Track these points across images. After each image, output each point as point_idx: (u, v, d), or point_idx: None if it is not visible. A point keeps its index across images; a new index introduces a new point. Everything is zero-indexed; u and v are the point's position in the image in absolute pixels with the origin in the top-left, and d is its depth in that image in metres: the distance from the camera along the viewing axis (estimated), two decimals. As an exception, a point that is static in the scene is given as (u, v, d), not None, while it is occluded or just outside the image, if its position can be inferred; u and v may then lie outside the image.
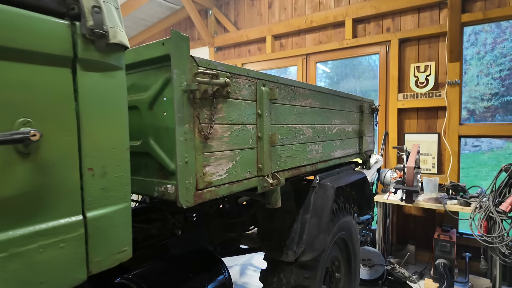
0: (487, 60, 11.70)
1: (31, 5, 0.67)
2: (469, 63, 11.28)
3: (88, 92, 0.76)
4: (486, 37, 10.46)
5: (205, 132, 1.12)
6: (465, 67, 5.00)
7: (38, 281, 0.66)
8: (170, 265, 1.45)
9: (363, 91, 7.53)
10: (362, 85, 7.91)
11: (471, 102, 12.36)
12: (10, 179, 0.63)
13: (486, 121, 4.68)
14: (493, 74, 11.98)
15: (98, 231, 0.78)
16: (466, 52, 12.15)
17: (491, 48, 11.73)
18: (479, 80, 11.37)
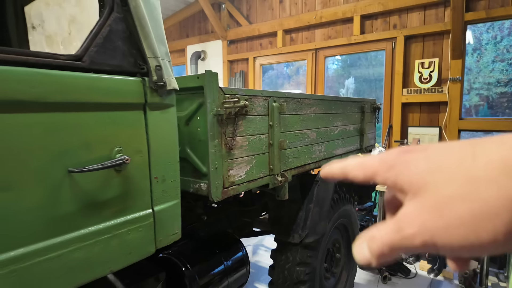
0: (503, 45, 11.51)
1: (117, 71, 1.00)
2: (485, 48, 11.15)
3: (153, 125, 1.09)
4: (504, 21, 10.27)
5: (230, 144, 1.45)
6: (480, 52, 5.13)
7: (128, 252, 1.03)
8: (199, 244, 1.82)
9: (376, 75, 7.65)
10: (376, 71, 7.97)
11: (485, 88, 12.27)
12: (111, 188, 0.98)
13: (500, 108, 4.87)
14: (509, 59, 11.80)
15: (160, 220, 1.13)
16: (482, 36, 11.90)
17: (508, 32, 11.51)
18: (494, 66, 11.25)
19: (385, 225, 0.27)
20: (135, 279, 1.37)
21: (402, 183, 0.27)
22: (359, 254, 0.28)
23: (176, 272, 1.56)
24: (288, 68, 8.17)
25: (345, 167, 0.33)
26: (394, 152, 0.29)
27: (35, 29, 1.98)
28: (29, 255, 0.80)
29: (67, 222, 0.88)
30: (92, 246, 0.93)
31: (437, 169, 0.25)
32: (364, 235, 0.29)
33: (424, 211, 0.25)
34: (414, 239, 0.25)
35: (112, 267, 0.99)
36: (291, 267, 2.17)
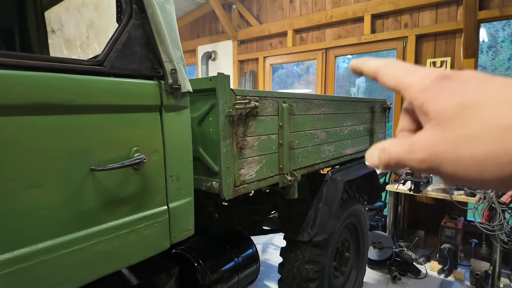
0: (520, 42, 11.19)
1: (136, 75, 1.06)
2: (501, 46, 10.81)
3: (169, 126, 1.15)
4: (519, 18, 10.00)
5: (241, 144, 1.50)
6: (495, 49, 5.02)
7: (145, 246, 1.09)
8: (211, 241, 1.88)
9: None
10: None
11: (500, 87, 11.87)
12: (129, 185, 1.04)
13: None
14: (526, 57, 11.46)
15: (175, 216, 1.19)
16: (498, 34, 11.59)
17: (525, 29, 11.18)
18: (510, 64, 10.94)
19: (399, 143, 0.29)
20: (149, 273, 1.43)
21: (429, 109, 0.27)
22: (370, 159, 0.31)
23: (189, 267, 1.62)
24: (298, 67, 8.17)
25: (380, 67, 0.33)
26: (433, 74, 0.28)
27: (54, 33, 2.07)
28: (55, 247, 0.86)
29: (89, 217, 0.95)
30: (112, 240, 0.99)
31: (470, 106, 0.25)
32: (377, 145, 0.31)
33: (441, 142, 0.25)
34: (421, 163, 0.26)
35: (130, 260, 1.05)
36: (300, 265, 2.20)
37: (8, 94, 0.78)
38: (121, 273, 1.46)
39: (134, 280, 1.43)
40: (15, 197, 0.80)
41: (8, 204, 0.79)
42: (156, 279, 1.43)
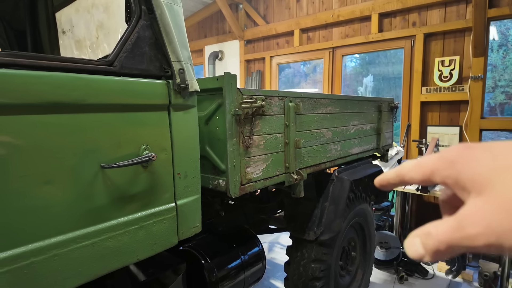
0: (533, 40, 10.97)
1: (145, 74, 1.08)
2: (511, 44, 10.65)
3: (177, 124, 1.17)
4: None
5: (247, 143, 1.52)
6: (506, 48, 4.93)
7: (153, 242, 1.11)
8: (218, 239, 1.90)
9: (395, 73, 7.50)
10: (395, 69, 7.78)
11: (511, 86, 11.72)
12: (138, 182, 1.07)
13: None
14: (538, 55, 11.23)
15: (183, 213, 1.21)
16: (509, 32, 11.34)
17: (538, 27, 10.96)
18: (522, 62, 10.75)
19: (443, 223, 0.26)
20: (157, 270, 1.46)
21: (465, 181, 0.26)
22: (411, 249, 0.27)
23: (196, 264, 1.64)
24: (305, 66, 8.14)
25: (400, 170, 0.32)
26: (455, 149, 0.28)
27: (65, 34, 2.11)
28: (67, 242, 0.89)
29: (100, 213, 0.97)
30: (121, 236, 1.02)
31: (505, 168, 0.24)
32: (417, 231, 0.28)
33: (490, 211, 0.24)
34: (477, 239, 0.24)
35: (139, 256, 1.07)
36: (306, 263, 2.21)
37: (23, 94, 0.81)
38: (129, 269, 1.49)
39: (143, 276, 1.46)
40: (29, 193, 0.83)
41: (22, 200, 0.82)
42: (164, 275, 1.46)
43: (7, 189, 0.79)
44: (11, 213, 0.79)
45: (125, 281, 1.40)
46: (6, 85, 0.78)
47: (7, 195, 0.79)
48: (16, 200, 0.80)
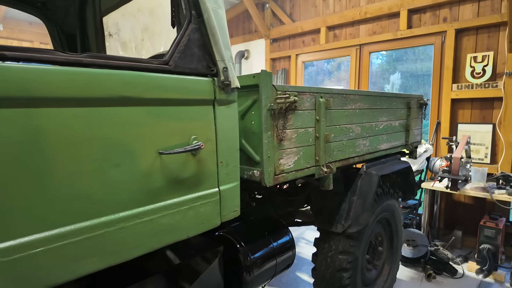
0: None
1: (194, 73, 1.21)
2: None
3: (220, 118, 1.29)
4: None
5: (280, 136, 1.62)
6: None
7: (200, 222, 1.25)
8: (251, 226, 2.02)
9: (424, 70, 7.26)
10: (424, 66, 7.55)
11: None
12: (188, 168, 1.20)
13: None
14: None
15: (224, 198, 1.34)
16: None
17: None
18: None
19: None
20: (199, 251, 1.60)
21: None
22: None
23: (231, 248, 1.77)
24: (329, 64, 8.09)
25: None
26: None
27: (111, 36, 2.30)
28: (132, 217, 1.04)
29: (157, 194, 1.11)
30: (174, 214, 1.16)
31: None
32: None
33: None
34: None
35: (188, 233, 1.21)
36: (334, 255, 2.28)
37: (97, 89, 0.96)
38: (172, 249, 1.63)
39: (184, 256, 1.60)
40: (102, 174, 0.98)
41: (97, 179, 0.96)
42: (204, 257, 1.59)
43: (86, 170, 0.94)
44: (89, 189, 0.94)
45: (168, 260, 1.54)
46: (86, 82, 0.93)
47: (86, 175, 0.94)
48: (92, 179, 0.95)
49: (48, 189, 0.87)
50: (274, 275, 1.94)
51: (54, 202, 0.88)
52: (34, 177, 0.84)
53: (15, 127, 0.81)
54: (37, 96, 0.84)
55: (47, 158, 0.86)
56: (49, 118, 0.86)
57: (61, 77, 0.88)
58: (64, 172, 0.89)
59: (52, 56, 0.86)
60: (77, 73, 0.91)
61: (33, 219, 0.84)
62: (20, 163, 0.82)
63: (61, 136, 0.89)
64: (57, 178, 0.88)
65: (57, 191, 0.88)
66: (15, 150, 0.81)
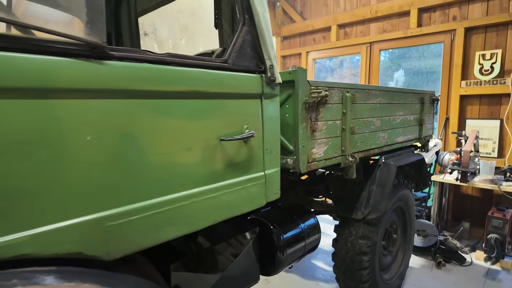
0: None
1: (246, 70, 1.38)
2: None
3: (266, 110, 1.46)
4: None
5: (313, 127, 1.79)
6: None
7: (250, 201, 1.42)
8: (280, 211, 2.19)
9: (428, 67, 7.37)
10: (427, 64, 7.66)
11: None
12: (241, 154, 1.37)
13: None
14: None
15: (268, 181, 1.51)
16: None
17: None
18: None
19: None
20: (238, 231, 1.77)
21: None
22: None
23: (265, 230, 1.94)
24: (331, 61, 8.20)
25: None
26: None
27: (147, 36, 2.47)
28: (200, 193, 1.21)
29: (218, 175, 1.28)
30: (231, 193, 1.33)
31: None
32: None
33: None
34: None
35: (242, 210, 1.38)
36: (354, 240, 2.46)
37: (176, 83, 1.12)
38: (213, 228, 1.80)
39: (225, 236, 1.77)
40: (178, 156, 1.15)
41: (175, 160, 1.14)
42: (245, 235, 1.77)
43: (167, 152, 1.11)
44: (171, 168, 1.12)
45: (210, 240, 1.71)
46: (168, 77, 1.10)
47: (168, 157, 1.11)
48: (172, 160, 1.12)
49: (143, 168, 1.04)
50: (303, 255, 2.12)
51: (146, 179, 1.05)
52: (137, 159, 1.02)
53: (120, 115, 0.98)
54: (136, 89, 1.01)
55: (144, 142, 1.04)
56: (143, 108, 1.03)
57: (152, 72, 1.04)
58: (153, 155, 1.07)
59: (145, 56, 1.03)
60: (162, 70, 1.08)
61: (132, 192, 1.01)
62: (126, 147, 0.99)
63: (152, 123, 1.06)
64: (149, 159, 1.06)
65: (149, 170, 1.06)
66: (122, 134, 0.98)
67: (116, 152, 0.98)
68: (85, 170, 0.91)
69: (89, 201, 0.92)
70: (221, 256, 1.67)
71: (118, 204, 0.98)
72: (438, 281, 3.20)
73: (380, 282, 2.59)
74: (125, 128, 0.99)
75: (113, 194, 0.97)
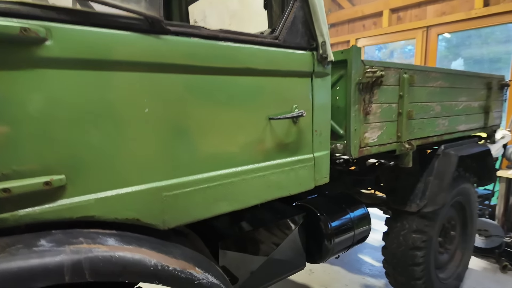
0: None
1: (298, 47, 1.33)
2: None
3: (316, 89, 1.40)
4: None
5: (367, 110, 1.69)
6: None
7: (299, 183, 1.39)
8: (327, 199, 2.13)
9: (491, 56, 6.58)
10: (491, 51, 6.89)
11: None
12: (290, 135, 1.34)
13: None
14: None
15: (317, 164, 1.46)
16: None
17: None
18: None
19: None
20: (285, 216, 1.75)
21: None
22: None
23: (312, 217, 1.89)
24: (381, 51, 7.73)
25: None
26: None
27: (196, 23, 2.51)
28: (249, 171, 1.20)
29: (267, 154, 1.27)
30: (280, 173, 1.31)
31: None
32: None
33: None
34: None
35: (290, 191, 1.35)
36: (407, 233, 2.30)
37: (221, 59, 1.11)
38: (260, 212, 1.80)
39: (271, 220, 1.76)
40: (230, 133, 1.15)
41: (227, 136, 1.14)
42: (293, 218, 1.74)
43: (218, 128, 1.11)
44: (221, 144, 1.12)
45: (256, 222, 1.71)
46: (218, 53, 1.10)
47: (218, 133, 1.12)
48: (222, 136, 1.13)
49: (196, 142, 1.06)
50: (352, 245, 2.03)
51: (199, 153, 1.07)
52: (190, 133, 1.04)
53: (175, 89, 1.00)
54: (190, 64, 1.02)
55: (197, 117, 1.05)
56: (196, 83, 1.05)
57: (205, 48, 1.05)
58: (205, 131, 1.08)
59: (199, 31, 1.04)
60: (215, 46, 1.08)
61: (186, 165, 1.04)
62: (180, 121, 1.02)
63: (204, 99, 1.07)
64: (201, 135, 1.07)
65: (202, 145, 1.07)
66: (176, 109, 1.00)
67: (172, 125, 1.00)
68: (143, 141, 0.94)
69: (147, 171, 0.95)
70: (267, 240, 1.67)
71: (174, 175, 1.01)
72: (503, 285, 2.89)
73: (435, 280, 2.41)
74: (179, 103, 1.01)
75: (169, 166, 1.00)
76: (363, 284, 3.00)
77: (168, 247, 0.98)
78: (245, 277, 1.56)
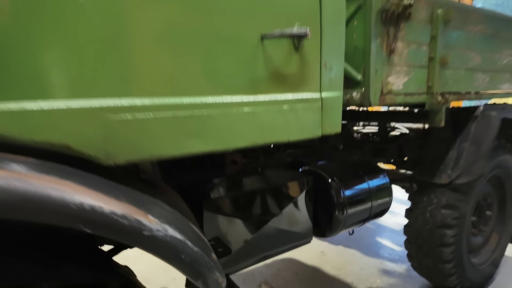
0: None
1: None
2: None
3: (326, 5, 1.09)
4: None
5: (391, 47, 1.36)
6: None
7: (301, 129, 1.10)
8: (341, 165, 1.82)
9: None
10: None
11: None
12: (291, 64, 1.05)
13: None
14: None
15: (326, 107, 1.16)
16: None
17: None
18: None
19: None
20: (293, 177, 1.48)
21: None
22: None
23: (322, 183, 1.60)
24: None
25: None
26: None
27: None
28: (233, 104, 0.92)
29: (258, 85, 0.98)
30: (276, 113, 1.02)
31: None
32: None
33: None
34: None
35: (289, 137, 1.07)
36: (435, 209, 1.97)
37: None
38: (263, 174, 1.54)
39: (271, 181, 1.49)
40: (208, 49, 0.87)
41: (202, 53, 0.86)
42: (299, 181, 1.47)
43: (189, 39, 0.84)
44: (192, 63, 0.85)
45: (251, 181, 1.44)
46: None
47: (190, 45, 0.84)
48: (196, 52, 0.85)
49: (165, 56, 0.80)
50: (368, 219, 1.74)
51: (157, 68, 0.79)
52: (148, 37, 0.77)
53: None
54: None
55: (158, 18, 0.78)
56: None
57: None
58: (179, 40, 0.81)
59: None
60: None
61: (138, 81, 0.77)
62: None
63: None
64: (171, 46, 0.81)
65: (172, 59, 0.82)
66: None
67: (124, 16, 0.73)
68: (75, 33, 0.68)
69: (81, 80, 0.69)
70: (265, 204, 1.40)
71: (124, 92, 0.74)
72: (546, 276, 2.51)
73: (467, 264, 2.08)
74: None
75: (117, 77, 0.74)
76: (381, 268, 2.69)
77: (114, 187, 0.72)
78: (237, 246, 1.31)
